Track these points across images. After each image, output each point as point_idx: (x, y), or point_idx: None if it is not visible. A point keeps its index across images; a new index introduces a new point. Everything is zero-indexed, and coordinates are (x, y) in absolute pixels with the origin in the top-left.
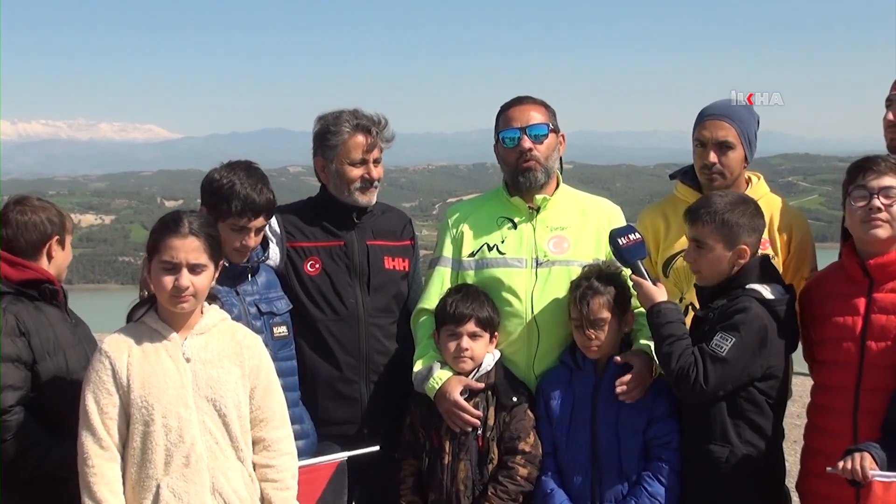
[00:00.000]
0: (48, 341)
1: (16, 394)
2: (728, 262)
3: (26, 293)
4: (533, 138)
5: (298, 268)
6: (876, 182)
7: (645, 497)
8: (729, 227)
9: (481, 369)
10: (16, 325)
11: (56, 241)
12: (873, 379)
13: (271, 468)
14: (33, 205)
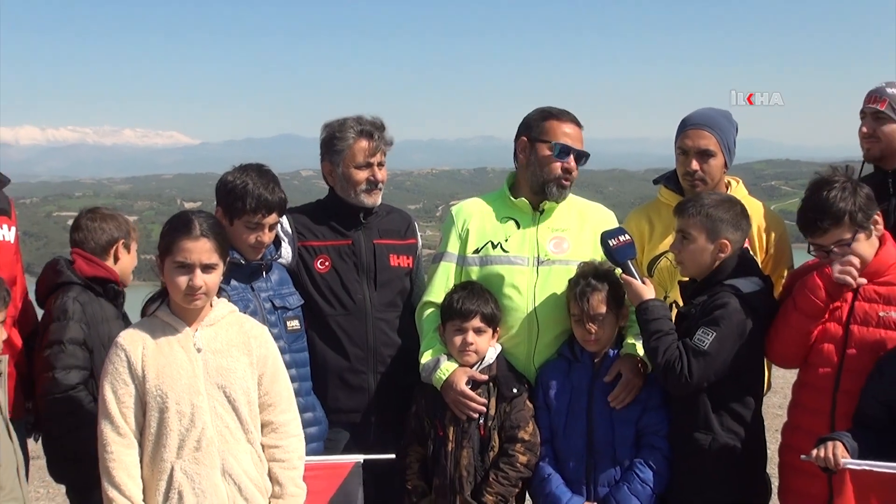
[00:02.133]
0: (103, 335)
1: (80, 373)
2: (710, 255)
3: (93, 288)
4: (579, 160)
5: (309, 265)
6: (824, 241)
7: (636, 482)
8: (712, 221)
9: (484, 362)
10: (82, 313)
11: (122, 244)
12: (854, 361)
13: (279, 449)
14: (103, 213)
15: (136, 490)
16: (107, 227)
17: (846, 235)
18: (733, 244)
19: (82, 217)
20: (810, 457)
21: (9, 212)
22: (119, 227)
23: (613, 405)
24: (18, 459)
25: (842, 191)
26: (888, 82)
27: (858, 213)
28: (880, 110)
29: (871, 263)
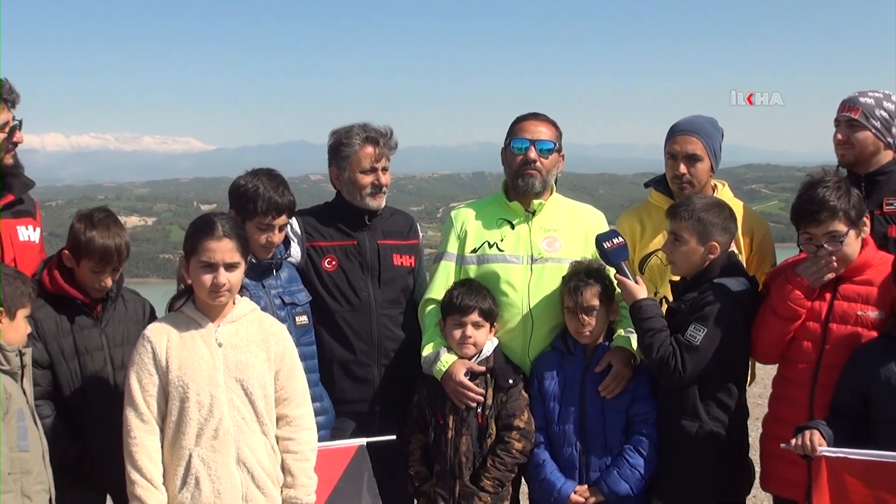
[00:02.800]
0: (66, 346)
1: (36, 389)
2: (700, 256)
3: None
4: (539, 151)
5: (317, 264)
6: (818, 231)
7: (626, 467)
8: (703, 225)
9: (482, 354)
10: (34, 330)
11: None
12: (832, 356)
13: (292, 441)
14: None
15: (156, 473)
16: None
17: (841, 229)
18: (722, 246)
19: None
20: (789, 445)
21: (34, 213)
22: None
23: (604, 395)
24: (44, 446)
25: (836, 189)
26: (860, 92)
27: (852, 210)
28: (854, 118)
29: (855, 261)
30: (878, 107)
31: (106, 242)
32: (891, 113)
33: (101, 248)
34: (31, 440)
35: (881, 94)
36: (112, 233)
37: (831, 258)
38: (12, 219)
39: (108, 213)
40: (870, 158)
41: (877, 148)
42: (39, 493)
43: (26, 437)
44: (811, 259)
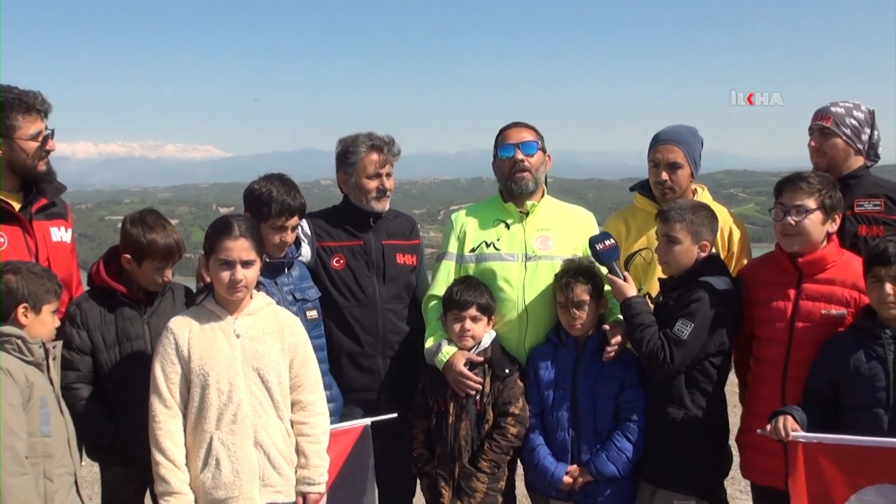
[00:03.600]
0: (108, 336)
1: (76, 374)
2: (693, 255)
3: (101, 294)
4: (525, 153)
5: (326, 263)
6: (790, 201)
7: (614, 451)
8: (695, 226)
9: (480, 346)
10: (78, 318)
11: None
12: (800, 353)
13: (306, 425)
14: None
15: (179, 455)
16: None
17: (810, 204)
18: (711, 244)
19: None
20: (765, 431)
21: (66, 216)
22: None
23: (610, 355)
24: (70, 432)
25: (824, 178)
26: (832, 102)
27: (828, 199)
28: (826, 126)
29: (816, 254)
30: (848, 116)
31: (167, 241)
32: (860, 121)
33: (165, 247)
34: (55, 426)
35: (851, 105)
36: (168, 231)
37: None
38: (46, 220)
39: (158, 214)
40: (841, 164)
41: (847, 154)
42: (62, 475)
43: (48, 423)
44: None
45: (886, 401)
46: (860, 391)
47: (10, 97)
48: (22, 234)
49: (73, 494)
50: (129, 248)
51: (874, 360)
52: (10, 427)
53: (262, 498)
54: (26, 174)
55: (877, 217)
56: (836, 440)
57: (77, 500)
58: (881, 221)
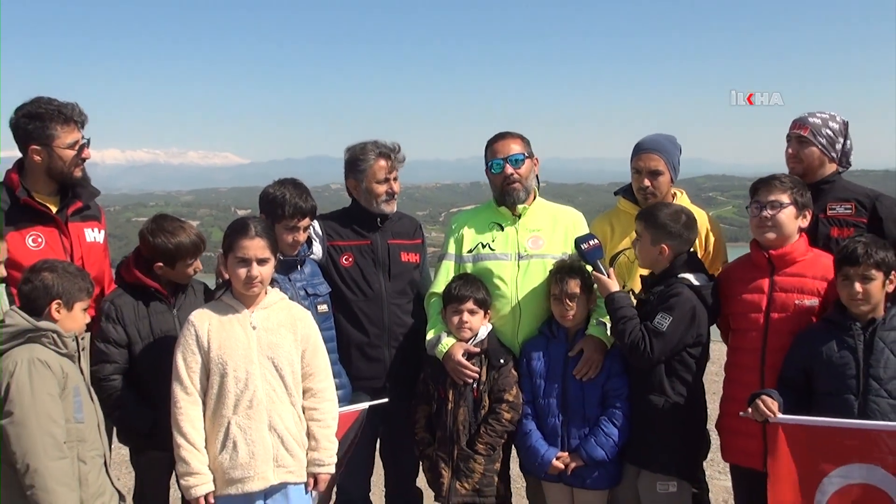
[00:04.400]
0: (143, 330)
1: (113, 366)
2: (653, 253)
3: (134, 291)
4: (513, 165)
5: (336, 261)
6: (765, 197)
7: (602, 435)
8: (656, 229)
9: (477, 338)
10: (117, 315)
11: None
12: (776, 341)
13: (316, 410)
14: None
15: (199, 439)
16: (51, 283)
17: (784, 199)
18: (672, 248)
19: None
20: (747, 413)
21: (99, 218)
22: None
23: (577, 377)
24: (99, 417)
25: (793, 179)
26: (809, 113)
27: (799, 196)
28: (803, 135)
29: (787, 247)
30: (824, 126)
31: (192, 239)
32: (834, 132)
33: (192, 245)
34: (87, 413)
35: (827, 115)
36: (188, 230)
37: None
38: (81, 222)
39: (171, 218)
40: (816, 170)
41: (822, 161)
42: (94, 458)
43: (81, 411)
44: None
45: (857, 387)
46: (832, 379)
47: (49, 109)
48: (58, 234)
49: (103, 474)
50: (158, 256)
51: (845, 350)
52: (49, 415)
53: (276, 478)
54: (63, 180)
55: (847, 220)
56: (814, 422)
57: (106, 479)
58: (851, 224)
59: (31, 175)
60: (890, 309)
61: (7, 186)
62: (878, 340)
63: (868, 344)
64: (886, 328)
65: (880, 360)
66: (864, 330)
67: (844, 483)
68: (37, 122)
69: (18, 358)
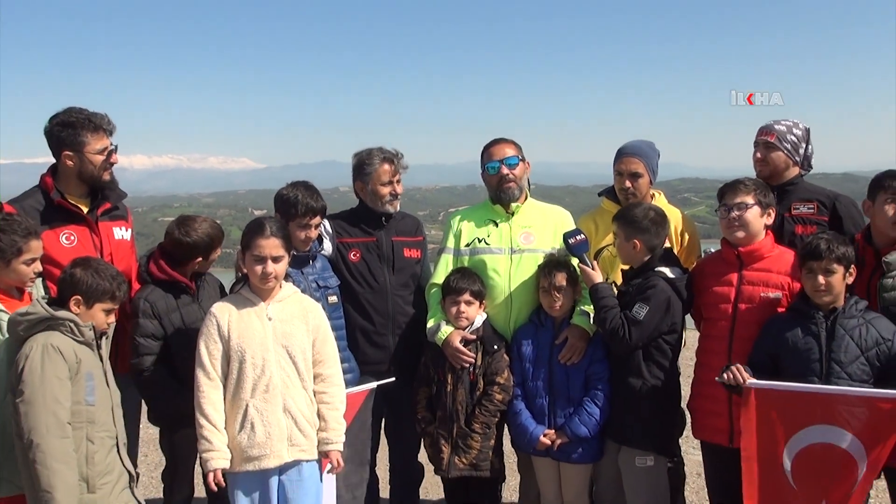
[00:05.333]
0: (175, 321)
1: (152, 358)
2: (627, 249)
3: (162, 285)
4: (508, 166)
5: (345, 256)
6: (732, 199)
7: (585, 415)
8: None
9: (473, 326)
10: (151, 309)
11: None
12: (743, 330)
13: (326, 394)
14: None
15: (219, 420)
16: (81, 278)
17: (749, 201)
18: (644, 243)
19: (171, 228)
20: (722, 378)
21: (126, 217)
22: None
23: (562, 362)
24: (114, 401)
25: (756, 182)
26: (775, 120)
27: (763, 197)
28: (770, 141)
29: (753, 245)
30: (788, 132)
31: (212, 233)
32: (798, 138)
33: (215, 237)
34: (99, 397)
35: (791, 123)
36: (209, 223)
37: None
38: (109, 221)
39: (191, 217)
40: (781, 173)
41: (787, 165)
42: (104, 439)
43: (93, 394)
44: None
45: (820, 371)
46: (797, 363)
47: (81, 118)
48: (89, 233)
49: (113, 454)
50: (198, 252)
51: (809, 337)
52: (56, 396)
53: (290, 456)
54: (93, 183)
55: (810, 218)
56: (785, 387)
57: (116, 459)
58: (814, 222)
59: (63, 178)
60: (849, 299)
61: (42, 189)
62: (839, 328)
63: (830, 331)
64: (846, 316)
65: (841, 346)
66: (826, 318)
67: (809, 443)
68: (69, 130)
69: (35, 343)
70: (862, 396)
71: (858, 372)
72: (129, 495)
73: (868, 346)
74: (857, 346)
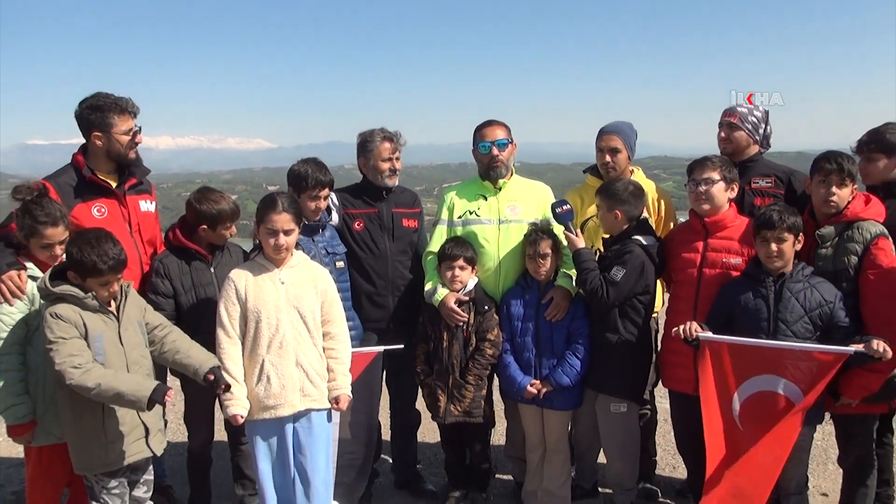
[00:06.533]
0: (186, 283)
1: (163, 314)
2: (610, 219)
3: (177, 252)
4: (498, 147)
5: (350, 226)
6: (699, 175)
7: (567, 366)
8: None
9: (466, 289)
10: (164, 271)
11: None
12: (706, 291)
13: (334, 350)
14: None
15: (239, 373)
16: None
17: (714, 176)
18: (625, 213)
19: (192, 199)
20: (679, 330)
21: (151, 191)
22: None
23: (548, 319)
24: (129, 359)
25: (721, 159)
26: (739, 103)
27: (728, 173)
28: (733, 122)
29: (717, 216)
30: (750, 114)
31: (231, 207)
32: (758, 119)
33: (231, 212)
34: (110, 356)
35: (752, 105)
36: (227, 199)
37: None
38: (136, 195)
39: (213, 189)
40: (743, 151)
41: (748, 143)
42: None
43: (101, 354)
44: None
45: (767, 328)
46: (748, 321)
47: (108, 102)
48: (118, 205)
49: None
50: (203, 220)
51: (759, 299)
52: (69, 352)
53: (302, 405)
54: (120, 160)
55: (768, 191)
56: (732, 340)
57: (130, 413)
58: (771, 195)
59: (93, 157)
60: (797, 265)
61: (75, 166)
62: (786, 290)
63: (778, 293)
64: (793, 280)
65: (787, 307)
66: (775, 282)
67: (756, 390)
68: (98, 113)
69: (46, 312)
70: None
71: (802, 330)
72: (142, 445)
73: (811, 307)
74: (801, 307)
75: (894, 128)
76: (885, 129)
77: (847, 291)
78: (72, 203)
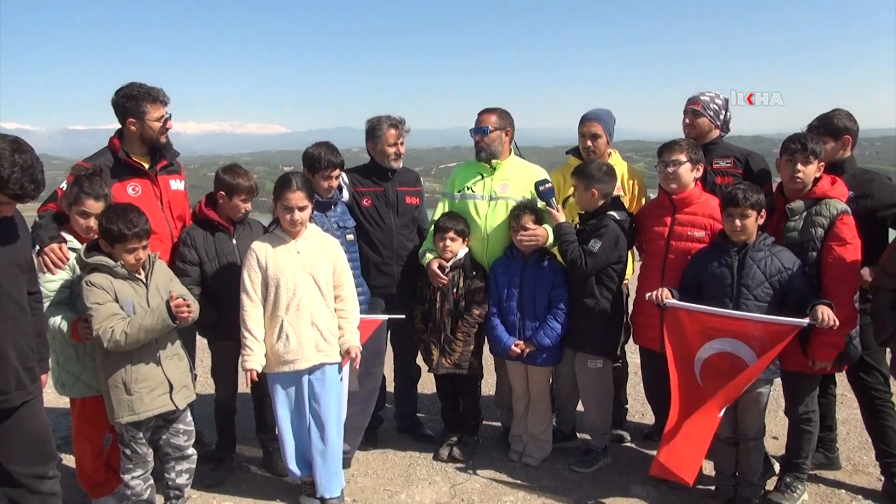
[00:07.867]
0: (210, 252)
1: (190, 279)
2: (587, 196)
3: (203, 224)
4: (480, 134)
5: (359, 203)
6: (668, 157)
7: (548, 329)
8: (587, 179)
9: (457, 257)
10: (191, 242)
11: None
12: (672, 262)
13: (344, 311)
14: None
15: (259, 333)
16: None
17: (681, 159)
18: (600, 191)
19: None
20: (652, 296)
21: (180, 172)
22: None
23: (521, 241)
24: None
25: (688, 142)
26: (700, 91)
27: (693, 154)
28: (696, 109)
29: (684, 193)
30: (711, 102)
31: (249, 183)
32: (719, 106)
33: (247, 187)
34: (138, 314)
35: (714, 94)
36: (249, 176)
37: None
38: (166, 175)
39: (239, 166)
40: (706, 135)
41: (710, 128)
42: (142, 353)
43: (133, 313)
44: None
45: (731, 293)
46: (714, 287)
47: (141, 91)
48: (151, 185)
49: (152, 366)
50: (222, 188)
51: (724, 267)
52: (107, 314)
53: (316, 359)
54: (152, 144)
55: (728, 171)
56: (695, 308)
57: (155, 369)
58: (731, 174)
59: (128, 141)
60: (760, 235)
61: (111, 149)
62: (749, 259)
63: (741, 262)
64: (755, 250)
65: (749, 273)
66: (738, 252)
67: (714, 352)
68: (132, 101)
69: (83, 281)
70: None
71: (763, 294)
72: (166, 399)
73: (772, 273)
74: (762, 273)
75: (841, 113)
76: (833, 114)
77: (811, 261)
78: (109, 182)
